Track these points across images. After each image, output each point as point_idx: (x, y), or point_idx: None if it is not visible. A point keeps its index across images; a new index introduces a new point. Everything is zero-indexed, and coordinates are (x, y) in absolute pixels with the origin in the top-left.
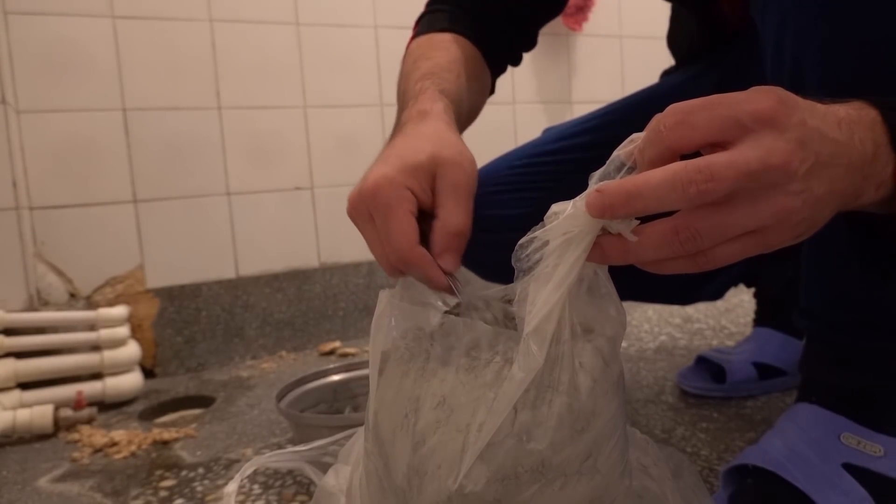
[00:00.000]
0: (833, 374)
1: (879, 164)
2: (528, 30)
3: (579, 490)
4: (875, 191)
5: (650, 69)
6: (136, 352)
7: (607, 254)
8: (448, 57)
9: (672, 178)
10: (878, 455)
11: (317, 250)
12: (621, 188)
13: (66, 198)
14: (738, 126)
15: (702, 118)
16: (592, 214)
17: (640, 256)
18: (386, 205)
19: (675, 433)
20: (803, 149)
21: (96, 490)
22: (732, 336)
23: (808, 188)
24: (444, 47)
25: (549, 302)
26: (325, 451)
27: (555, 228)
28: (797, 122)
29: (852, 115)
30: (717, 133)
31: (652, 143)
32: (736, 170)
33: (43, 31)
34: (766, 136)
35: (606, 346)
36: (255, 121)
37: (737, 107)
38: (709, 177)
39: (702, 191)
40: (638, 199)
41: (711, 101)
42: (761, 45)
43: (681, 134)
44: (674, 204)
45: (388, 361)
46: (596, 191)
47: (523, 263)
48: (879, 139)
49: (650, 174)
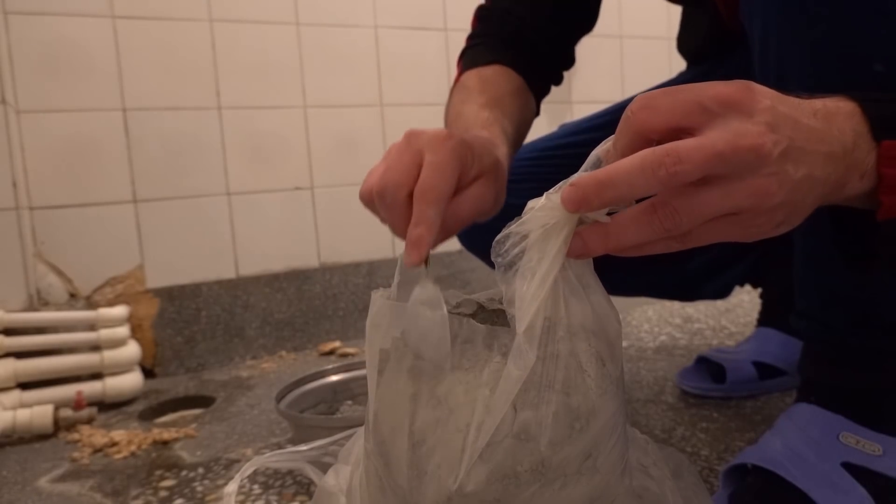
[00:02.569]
0: (831, 374)
1: (861, 153)
2: (566, 49)
3: (579, 490)
4: (859, 180)
5: (650, 69)
6: (136, 352)
7: (588, 244)
8: (497, 92)
9: (641, 163)
10: (877, 454)
11: (317, 250)
12: (593, 179)
13: (66, 198)
14: (703, 110)
15: (665, 102)
16: (568, 209)
17: (620, 241)
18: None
19: (675, 433)
20: (774, 131)
21: (96, 490)
22: (732, 336)
23: (784, 171)
24: (494, 82)
25: (536, 297)
26: (325, 450)
27: (531, 221)
28: (765, 107)
29: (829, 107)
30: (680, 116)
31: (622, 132)
32: (704, 152)
33: (43, 31)
34: (733, 119)
35: (605, 345)
36: (255, 121)
37: (701, 92)
38: (676, 159)
39: (671, 173)
40: (609, 188)
41: (677, 88)
42: (749, 48)
43: (645, 117)
44: (645, 189)
45: (388, 361)
46: (570, 185)
47: (503, 258)
48: (859, 129)
49: (620, 162)
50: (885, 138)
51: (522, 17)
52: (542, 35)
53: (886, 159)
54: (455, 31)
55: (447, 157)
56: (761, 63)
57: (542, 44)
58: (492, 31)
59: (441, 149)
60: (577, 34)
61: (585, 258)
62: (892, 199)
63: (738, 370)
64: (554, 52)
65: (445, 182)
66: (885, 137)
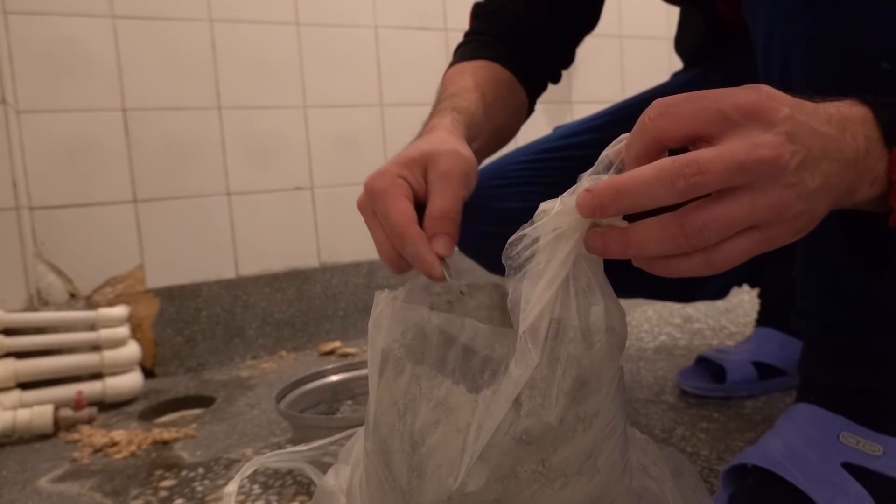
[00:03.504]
0: (831, 374)
1: (872, 160)
2: (564, 47)
3: (579, 490)
4: (870, 186)
5: (650, 69)
6: (136, 352)
7: (608, 245)
8: (473, 80)
9: (660, 173)
10: (877, 454)
11: (317, 250)
12: (610, 186)
13: (66, 198)
14: (724, 119)
15: (686, 110)
16: (583, 214)
17: (641, 250)
18: (382, 192)
19: (675, 433)
20: (793, 142)
21: (96, 490)
22: (732, 336)
23: (802, 181)
24: (471, 72)
25: (542, 299)
26: (325, 451)
27: (544, 225)
28: (785, 117)
29: (843, 112)
30: (701, 125)
31: (637, 137)
32: (724, 162)
33: (43, 31)
34: (753, 129)
35: (608, 346)
36: (255, 121)
37: (722, 100)
38: (696, 170)
39: (690, 184)
40: (627, 196)
41: (697, 95)
42: (753, 46)
43: (665, 125)
44: (663, 199)
45: (389, 361)
46: (585, 190)
47: (514, 261)
48: (871, 134)
49: (638, 170)
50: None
51: (517, 15)
52: (537, 33)
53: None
54: (455, 31)
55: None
56: (765, 62)
57: (538, 42)
58: (484, 29)
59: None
60: (576, 32)
61: (601, 256)
62: None
63: (738, 370)
64: (550, 50)
65: (406, 227)
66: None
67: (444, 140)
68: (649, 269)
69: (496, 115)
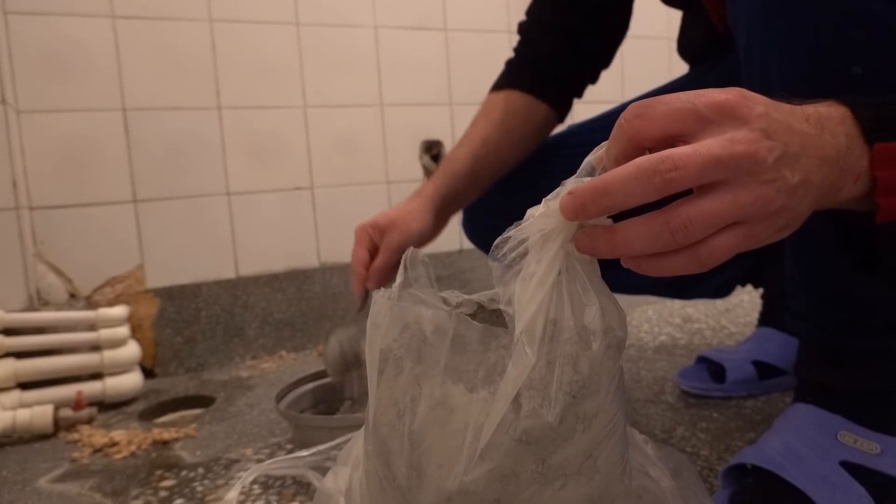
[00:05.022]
0: (827, 374)
1: (854, 157)
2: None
3: (579, 490)
4: (854, 184)
5: (650, 69)
6: (136, 352)
7: (596, 244)
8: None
9: (636, 171)
10: (875, 453)
11: (316, 250)
12: (590, 187)
13: (66, 198)
14: (699, 117)
15: (660, 110)
16: (566, 216)
17: (628, 248)
18: (356, 237)
19: (675, 433)
20: (769, 138)
21: (96, 490)
22: (732, 336)
23: (782, 176)
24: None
25: (534, 300)
26: (326, 455)
27: (530, 226)
28: (760, 114)
29: (821, 112)
30: (676, 124)
31: (615, 139)
32: (700, 157)
33: (43, 31)
34: (728, 126)
35: (606, 346)
36: (255, 121)
37: (696, 99)
38: (672, 166)
39: (666, 180)
40: (606, 196)
41: (671, 95)
42: (736, 51)
43: (640, 126)
44: (641, 196)
45: (388, 361)
46: (568, 193)
47: (501, 261)
48: (852, 132)
49: (616, 170)
50: (877, 141)
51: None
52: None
53: (880, 161)
54: (455, 31)
55: (358, 251)
56: (746, 67)
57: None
58: (519, 50)
59: (357, 245)
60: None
61: (591, 256)
62: (888, 201)
63: (738, 370)
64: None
65: (356, 267)
66: (877, 140)
67: (408, 213)
68: (638, 268)
69: (502, 148)
